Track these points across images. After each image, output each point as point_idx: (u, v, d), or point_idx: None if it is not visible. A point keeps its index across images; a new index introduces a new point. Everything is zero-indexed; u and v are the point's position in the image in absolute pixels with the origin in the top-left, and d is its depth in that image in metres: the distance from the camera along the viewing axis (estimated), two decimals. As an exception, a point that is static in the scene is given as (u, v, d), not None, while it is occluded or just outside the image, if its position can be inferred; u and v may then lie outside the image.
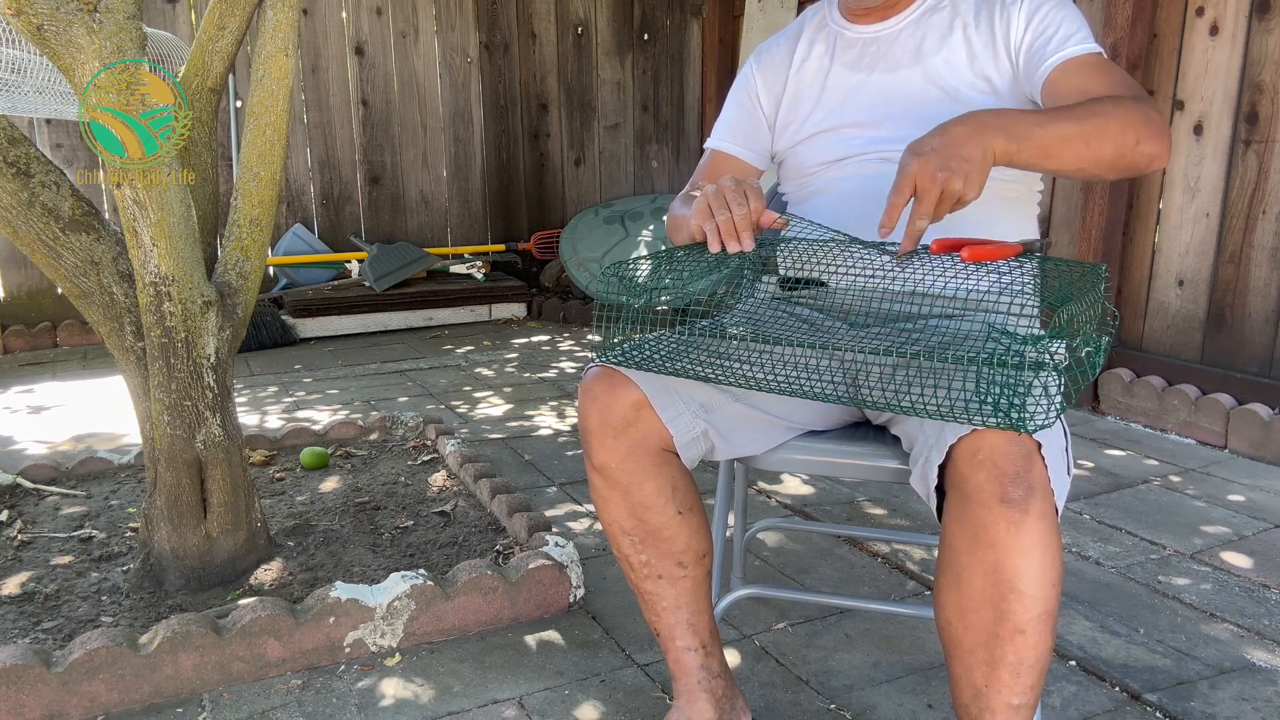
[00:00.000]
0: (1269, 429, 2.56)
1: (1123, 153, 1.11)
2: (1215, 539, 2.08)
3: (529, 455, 2.70)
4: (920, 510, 2.28)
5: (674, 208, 1.43)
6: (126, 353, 1.72)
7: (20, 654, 1.42)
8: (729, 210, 1.14)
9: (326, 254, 4.66)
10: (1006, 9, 1.32)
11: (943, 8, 1.37)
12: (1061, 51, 1.25)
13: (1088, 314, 0.98)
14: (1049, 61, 1.26)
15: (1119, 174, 1.14)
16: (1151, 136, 1.12)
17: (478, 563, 1.73)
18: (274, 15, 1.64)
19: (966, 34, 1.34)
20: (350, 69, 4.73)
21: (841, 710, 1.47)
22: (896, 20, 1.39)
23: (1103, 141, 1.09)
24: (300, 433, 2.56)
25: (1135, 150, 1.11)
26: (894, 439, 1.25)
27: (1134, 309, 3.06)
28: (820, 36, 1.46)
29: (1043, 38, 1.28)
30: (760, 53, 1.52)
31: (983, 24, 1.33)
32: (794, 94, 1.46)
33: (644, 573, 1.26)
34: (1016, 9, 1.31)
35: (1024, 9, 1.31)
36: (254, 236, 1.75)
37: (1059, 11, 1.29)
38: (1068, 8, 1.30)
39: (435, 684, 1.54)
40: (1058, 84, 1.25)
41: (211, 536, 1.75)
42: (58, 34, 1.43)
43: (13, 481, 2.23)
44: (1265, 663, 1.59)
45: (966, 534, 1.00)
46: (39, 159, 1.60)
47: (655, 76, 5.36)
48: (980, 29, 1.33)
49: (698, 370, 1.14)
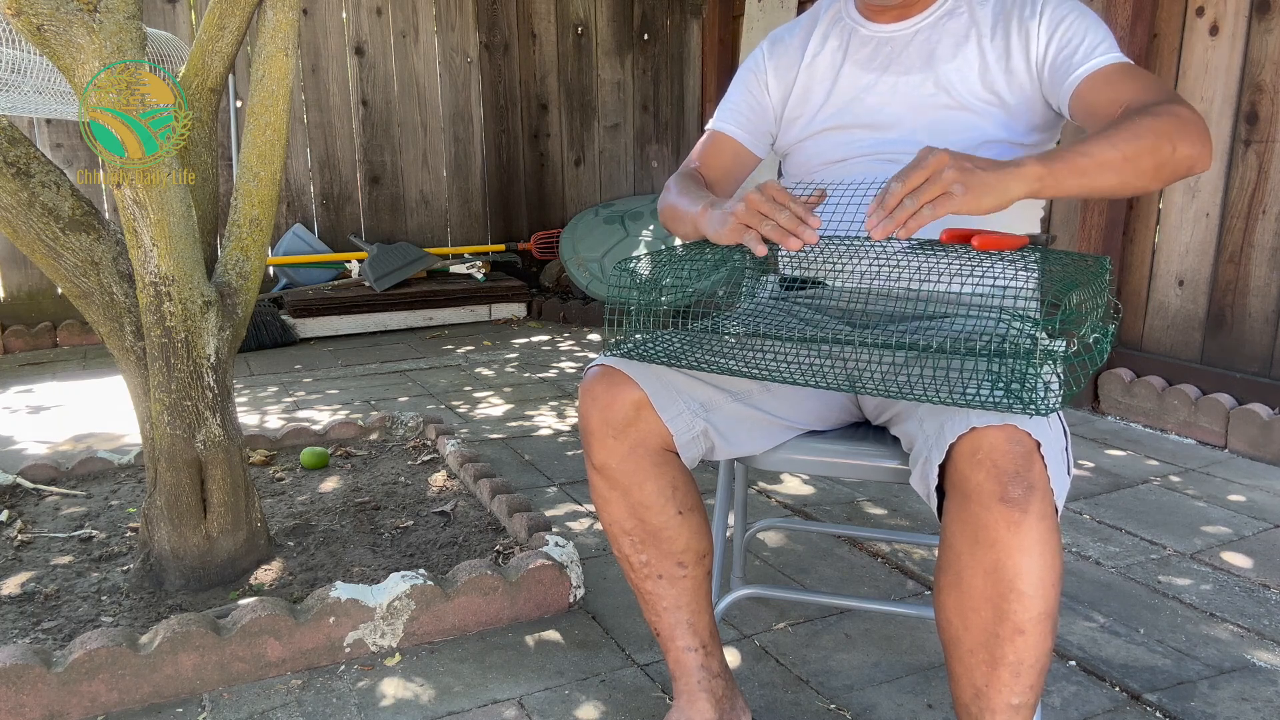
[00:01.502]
0: (1269, 429, 2.56)
1: (1161, 163, 1.11)
2: (1215, 539, 2.08)
3: (529, 455, 2.70)
4: (920, 510, 2.28)
5: (671, 198, 1.39)
6: (126, 353, 1.72)
7: (20, 654, 1.42)
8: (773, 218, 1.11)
9: (326, 254, 4.67)
10: (1025, 23, 1.31)
11: (960, 13, 1.36)
12: (1089, 62, 1.24)
13: (1094, 302, 0.99)
14: (1077, 73, 1.25)
15: (1162, 183, 1.14)
16: (1188, 140, 1.11)
17: (478, 563, 1.73)
18: (274, 15, 1.64)
19: (981, 45, 1.33)
20: (350, 69, 4.73)
21: (841, 710, 1.47)
22: (913, 22, 1.38)
23: (1140, 160, 1.09)
24: (300, 433, 2.56)
25: (1174, 159, 1.11)
26: (894, 439, 1.25)
27: (1134, 309, 3.06)
28: (835, 31, 1.44)
29: (1068, 49, 1.27)
30: (774, 40, 1.50)
31: (998, 37, 1.32)
32: (804, 87, 1.44)
33: (644, 573, 1.26)
34: (1036, 23, 1.30)
35: (1045, 22, 1.29)
36: (254, 236, 1.75)
37: (1082, 22, 1.28)
38: (1090, 17, 1.29)
39: (435, 684, 1.54)
40: (1087, 95, 1.24)
41: (211, 536, 1.75)
42: (58, 34, 1.43)
43: (13, 481, 2.23)
44: (1265, 663, 1.59)
45: (967, 534, 1.00)
46: (39, 159, 1.60)
47: (655, 76, 5.36)
48: (995, 41, 1.32)
49: (710, 361, 1.14)
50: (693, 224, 1.28)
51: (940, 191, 1.01)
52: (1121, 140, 1.09)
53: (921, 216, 1.01)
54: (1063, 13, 1.30)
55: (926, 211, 1.01)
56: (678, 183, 1.41)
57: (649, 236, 4.90)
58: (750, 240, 1.13)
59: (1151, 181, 1.12)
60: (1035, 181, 1.05)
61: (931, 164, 1.01)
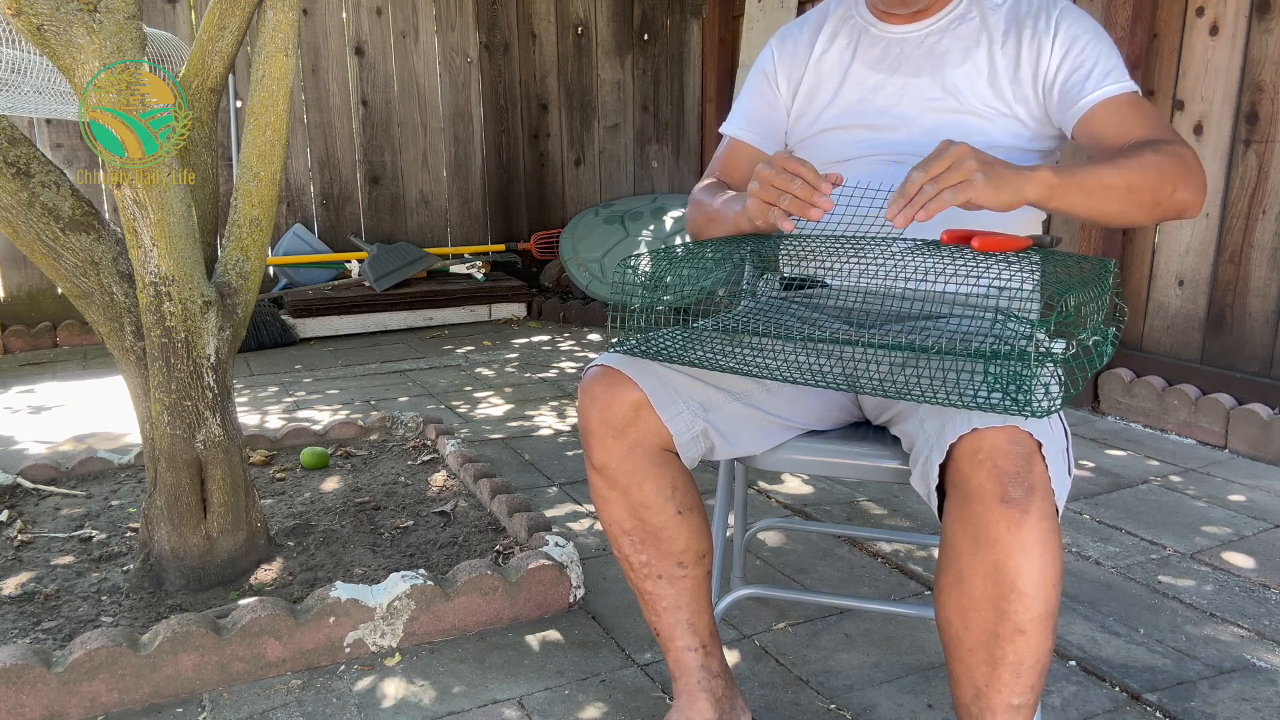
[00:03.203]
0: (1269, 429, 2.56)
1: (1158, 203, 1.14)
2: (1215, 539, 2.08)
3: (529, 455, 2.70)
4: (920, 510, 2.28)
5: (705, 208, 1.39)
6: (126, 353, 1.72)
7: (20, 654, 1.42)
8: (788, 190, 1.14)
9: (326, 254, 4.67)
10: (1038, 36, 1.30)
11: (971, 18, 1.36)
12: (1100, 90, 1.25)
13: (1095, 304, 0.98)
14: (1087, 99, 1.25)
15: (1154, 220, 1.18)
16: (1187, 185, 1.15)
17: (478, 563, 1.73)
18: (274, 15, 1.64)
19: (991, 52, 1.32)
20: (350, 69, 4.73)
21: (841, 710, 1.47)
22: (924, 25, 1.38)
23: (1142, 194, 1.13)
24: (300, 433, 2.56)
25: (1171, 199, 1.15)
26: (894, 439, 1.25)
27: (1134, 309, 3.06)
28: (844, 29, 1.44)
29: (1080, 72, 1.27)
30: (783, 37, 1.50)
31: (1009, 46, 1.32)
32: (812, 84, 1.45)
33: (644, 573, 1.26)
34: (1049, 37, 1.29)
35: (1060, 39, 1.29)
36: (254, 236, 1.75)
37: (1096, 46, 1.28)
38: (1104, 41, 1.29)
39: (435, 684, 1.54)
40: (1095, 122, 1.25)
41: (211, 536, 1.75)
42: (58, 34, 1.42)
43: (13, 481, 2.23)
44: (1265, 663, 1.59)
45: (967, 534, 1.00)
46: (39, 159, 1.60)
47: (655, 76, 5.36)
48: (1006, 50, 1.32)
49: (710, 360, 1.14)
50: (734, 223, 1.29)
51: (962, 179, 1.02)
52: (1130, 171, 1.12)
53: (942, 200, 1.03)
54: (1076, 32, 1.29)
55: (947, 196, 1.03)
56: (706, 193, 1.42)
57: (649, 236, 4.90)
58: (776, 217, 1.15)
59: (1146, 217, 1.16)
60: (1046, 188, 1.07)
61: (953, 154, 1.04)
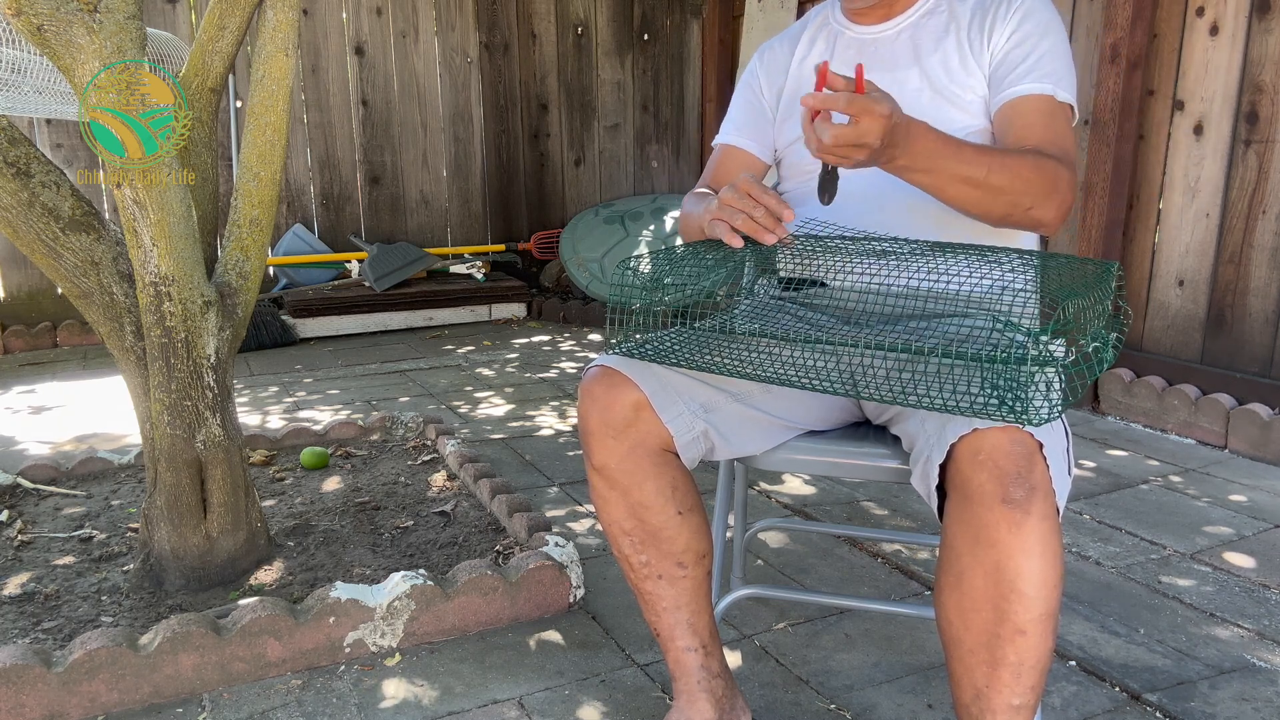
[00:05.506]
0: (1269, 429, 2.56)
1: (1010, 213, 1.18)
2: (1215, 539, 2.08)
3: (529, 455, 2.70)
4: (921, 510, 2.28)
5: (684, 211, 1.45)
6: (126, 353, 1.72)
7: (20, 654, 1.42)
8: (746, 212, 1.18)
9: (326, 254, 4.66)
10: (998, 19, 1.33)
11: (940, 11, 1.39)
12: (1024, 85, 1.28)
13: (1095, 309, 0.98)
14: (1010, 90, 1.29)
15: (1001, 225, 1.21)
16: (1047, 205, 1.18)
17: (478, 563, 1.73)
18: (274, 15, 1.64)
19: (959, 37, 1.35)
20: (350, 69, 4.73)
21: (841, 710, 1.47)
22: (896, 22, 1.41)
23: (997, 197, 1.15)
24: (300, 433, 2.56)
25: (1025, 214, 1.18)
26: (894, 439, 1.25)
27: (1134, 309, 3.06)
28: (822, 35, 1.48)
29: (1011, 60, 1.30)
30: (763, 50, 1.54)
31: (974, 27, 1.35)
32: (793, 90, 1.47)
33: (644, 573, 1.26)
34: (1005, 21, 1.32)
35: (1011, 22, 1.32)
36: (254, 236, 1.75)
37: (1041, 40, 1.30)
38: (1051, 37, 1.30)
39: (435, 684, 1.54)
40: (1008, 114, 1.28)
41: (211, 536, 1.75)
42: (58, 34, 1.42)
43: (13, 481, 2.23)
44: (1265, 663, 1.59)
45: (968, 534, 1.00)
46: (39, 159, 1.60)
47: (655, 76, 5.36)
48: (972, 32, 1.35)
49: (710, 362, 1.14)
50: (699, 226, 1.32)
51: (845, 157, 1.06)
52: (998, 170, 1.14)
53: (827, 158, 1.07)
54: (1031, 26, 1.31)
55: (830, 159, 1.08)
56: (690, 200, 1.46)
57: (649, 236, 4.90)
58: (722, 232, 1.19)
59: (996, 220, 1.19)
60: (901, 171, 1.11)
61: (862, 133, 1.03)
